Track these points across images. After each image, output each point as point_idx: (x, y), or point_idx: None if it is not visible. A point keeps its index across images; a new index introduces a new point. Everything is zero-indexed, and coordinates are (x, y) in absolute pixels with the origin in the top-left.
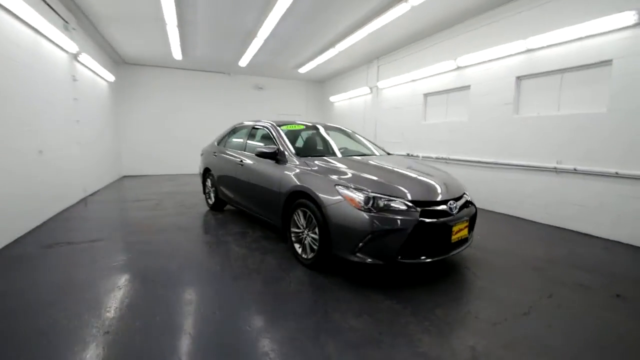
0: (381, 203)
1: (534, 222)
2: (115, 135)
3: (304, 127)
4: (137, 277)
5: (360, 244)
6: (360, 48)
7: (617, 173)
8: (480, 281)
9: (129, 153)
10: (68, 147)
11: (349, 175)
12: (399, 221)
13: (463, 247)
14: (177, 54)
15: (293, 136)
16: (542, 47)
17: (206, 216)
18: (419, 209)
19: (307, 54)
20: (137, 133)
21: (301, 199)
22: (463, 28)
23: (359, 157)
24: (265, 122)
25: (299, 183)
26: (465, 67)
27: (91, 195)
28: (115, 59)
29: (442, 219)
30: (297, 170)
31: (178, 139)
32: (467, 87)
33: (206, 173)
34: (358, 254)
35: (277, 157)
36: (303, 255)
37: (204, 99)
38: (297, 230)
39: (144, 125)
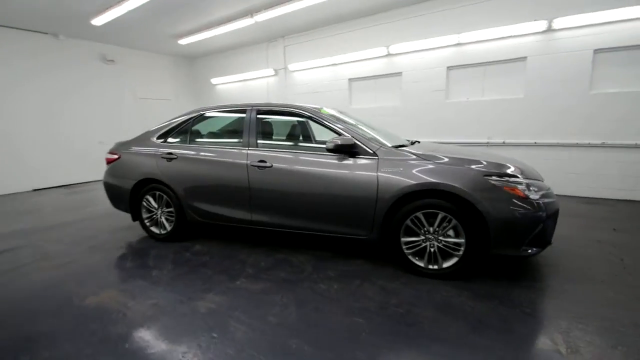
0: (536, 188)
1: None
2: None
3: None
4: None
5: (530, 236)
6: (262, 25)
7: (535, 143)
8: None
9: None
10: None
11: (484, 162)
12: (556, 203)
13: None
14: None
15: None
16: (471, 42)
17: (176, 254)
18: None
19: (206, 20)
20: None
21: (421, 199)
22: (395, 16)
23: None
24: (281, 105)
25: (416, 181)
26: (397, 54)
27: None
28: None
29: None
30: (401, 165)
31: None
32: (399, 74)
33: (141, 188)
34: (524, 248)
35: (354, 150)
36: (430, 267)
37: (10, 72)
38: (414, 240)
39: None
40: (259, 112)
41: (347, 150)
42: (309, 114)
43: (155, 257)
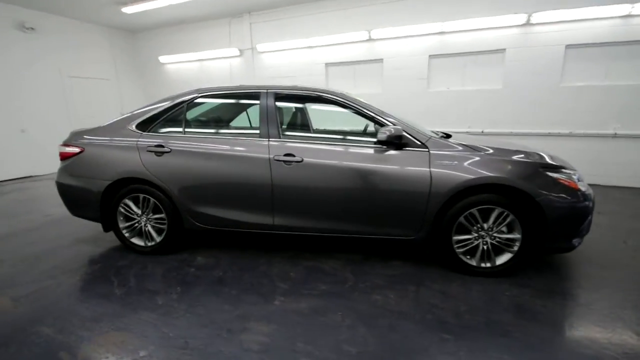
0: (581, 179)
1: None
2: None
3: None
4: None
5: (581, 227)
6: None
7: (512, 132)
8: None
9: None
10: None
11: (526, 152)
12: (592, 192)
13: None
14: None
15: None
16: (453, 32)
17: (176, 270)
18: None
19: None
20: None
21: (475, 194)
22: None
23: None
24: (305, 89)
25: (475, 176)
26: (379, 40)
27: None
28: None
29: None
30: (454, 158)
31: None
32: (380, 61)
33: (116, 190)
34: (574, 240)
35: (402, 141)
36: (482, 265)
37: None
38: (466, 237)
39: None
40: (278, 96)
41: (397, 141)
42: (343, 101)
43: (150, 277)
